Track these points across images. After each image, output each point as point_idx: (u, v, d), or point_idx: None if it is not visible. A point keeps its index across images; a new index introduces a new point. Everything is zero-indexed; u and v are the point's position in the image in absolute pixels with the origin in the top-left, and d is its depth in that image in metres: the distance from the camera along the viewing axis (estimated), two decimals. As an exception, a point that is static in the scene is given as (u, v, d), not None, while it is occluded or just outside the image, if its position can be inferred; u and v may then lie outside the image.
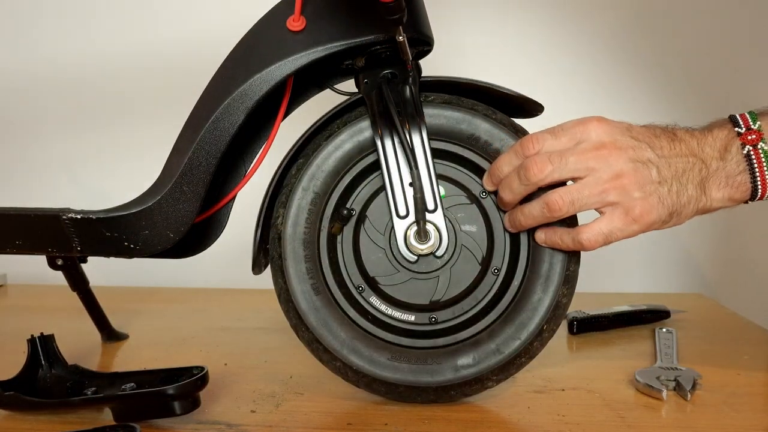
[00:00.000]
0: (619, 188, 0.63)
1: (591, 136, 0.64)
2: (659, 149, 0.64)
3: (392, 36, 0.66)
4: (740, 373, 0.80)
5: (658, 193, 0.63)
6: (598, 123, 0.64)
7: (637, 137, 0.64)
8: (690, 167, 0.64)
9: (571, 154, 0.63)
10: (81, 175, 1.38)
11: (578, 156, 0.63)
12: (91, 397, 0.67)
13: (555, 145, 0.65)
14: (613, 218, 0.64)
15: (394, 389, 0.69)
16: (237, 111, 0.69)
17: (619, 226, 0.64)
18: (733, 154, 0.64)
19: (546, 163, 0.64)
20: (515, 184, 0.65)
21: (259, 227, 0.70)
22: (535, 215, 0.65)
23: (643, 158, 0.63)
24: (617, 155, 0.63)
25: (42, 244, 0.75)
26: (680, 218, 0.65)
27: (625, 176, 0.62)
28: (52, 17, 1.35)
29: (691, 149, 0.64)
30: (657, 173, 0.63)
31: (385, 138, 0.68)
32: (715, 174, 0.64)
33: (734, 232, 1.31)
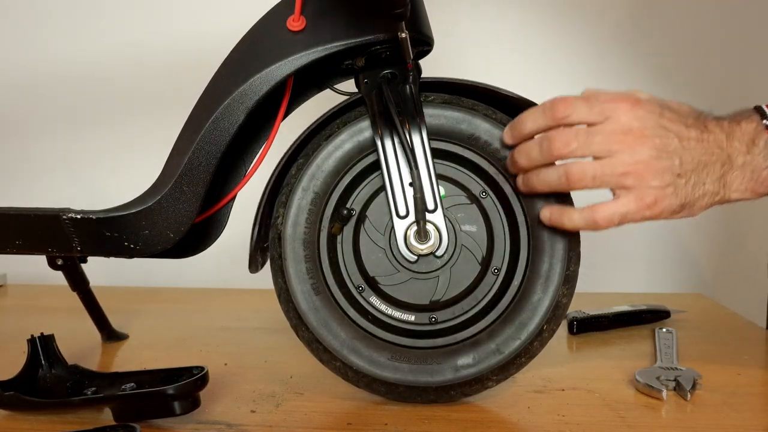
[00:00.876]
0: (638, 175, 0.62)
1: (621, 117, 0.63)
2: (686, 140, 0.63)
3: (393, 35, 0.66)
4: (740, 373, 0.80)
5: (675, 185, 0.63)
6: (631, 106, 0.63)
7: (667, 126, 0.63)
8: (713, 161, 0.63)
9: (597, 133, 0.63)
10: (81, 175, 1.38)
11: (604, 136, 0.63)
12: (91, 397, 0.67)
13: (586, 115, 0.64)
14: (628, 202, 0.64)
15: (394, 389, 0.69)
16: (237, 111, 0.69)
17: (633, 209, 0.64)
18: (761, 149, 0.63)
19: (572, 139, 0.63)
20: (534, 153, 0.65)
21: (256, 225, 0.70)
22: (551, 182, 0.65)
23: (668, 149, 0.62)
24: (642, 143, 0.62)
25: (42, 244, 0.75)
26: (693, 210, 0.65)
27: (645, 164, 0.62)
28: (52, 17, 1.35)
29: (719, 143, 0.64)
30: (679, 164, 0.63)
31: (385, 138, 0.68)
32: (741, 168, 0.64)
33: (734, 232, 1.31)
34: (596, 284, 1.22)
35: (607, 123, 0.63)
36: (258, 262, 0.73)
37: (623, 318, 0.99)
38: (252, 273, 0.73)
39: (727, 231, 1.31)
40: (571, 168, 0.64)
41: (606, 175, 0.63)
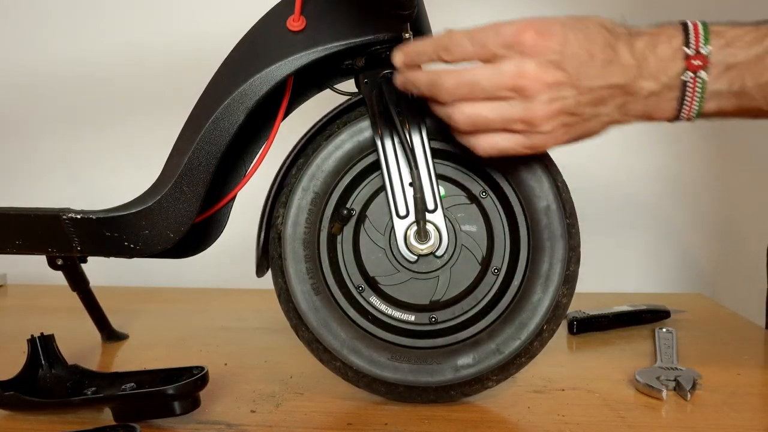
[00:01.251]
0: (527, 122, 0.59)
1: (514, 57, 0.58)
2: (586, 73, 0.58)
3: (394, 35, 0.67)
4: (740, 373, 0.80)
5: (566, 124, 0.60)
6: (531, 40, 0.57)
7: (567, 58, 0.58)
8: (614, 94, 0.60)
9: (485, 79, 0.59)
10: (81, 175, 1.38)
11: (493, 83, 0.59)
12: (91, 397, 0.67)
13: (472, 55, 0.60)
14: (512, 141, 0.61)
15: (394, 389, 0.69)
16: (237, 111, 0.69)
17: (514, 149, 0.61)
18: (670, 78, 0.59)
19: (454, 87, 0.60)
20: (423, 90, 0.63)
21: (262, 230, 0.70)
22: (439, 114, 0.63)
23: (562, 90, 0.58)
24: (534, 88, 0.58)
25: (42, 244, 0.75)
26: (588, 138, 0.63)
27: (536, 112, 0.58)
28: (52, 17, 1.35)
29: (625, 73, 0.59)
30: (574, 103, 0.59)
31: (385, 138, 0.68)
32: (644, 99, 0.60)
33: (734, 232, 1.31)
34: (596, 284, 1.22)
35: (499, 64, 0.58)
36: (265, 266, 0.72)
37: (623, 318, 0.99)
38: (259, 277, 0.73)
39: (727, 231, 1.31)
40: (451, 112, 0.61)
41: (491, 120, 0.60)
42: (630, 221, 1.32)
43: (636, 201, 1.32)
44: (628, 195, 1.32)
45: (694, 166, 1.30)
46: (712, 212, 1.32)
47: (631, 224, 1.33)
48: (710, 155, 1.30)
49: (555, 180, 0.68)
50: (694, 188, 1.31)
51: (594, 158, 1.25)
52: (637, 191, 1.32)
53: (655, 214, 1.33)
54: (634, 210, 1.32)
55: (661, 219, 1.33)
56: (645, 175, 1.30)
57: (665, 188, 1.31)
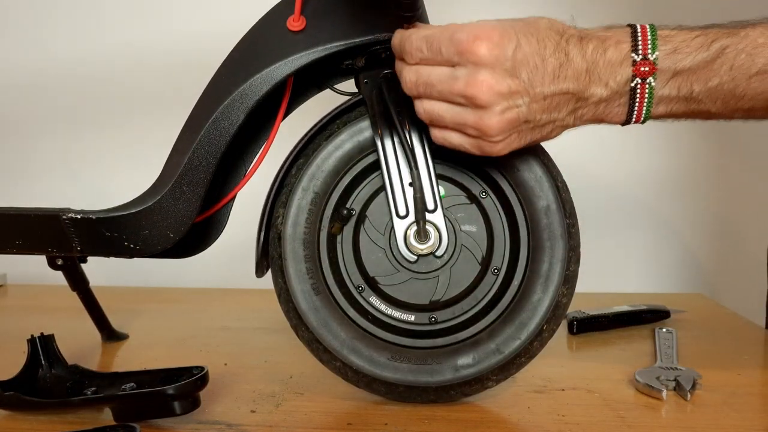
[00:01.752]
0: (479, 129, 0.60)
1: (467, 65, 0.58)
2: (540, 79, 0.58)
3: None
4: (740, 373, 0.80)
5: (520, 131, 0.61)
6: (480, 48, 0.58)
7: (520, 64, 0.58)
8: (567, 100, 0.60)
9: (439, 82, 0.60)
10: (81, 175, 1.38)
11: (446, 87, 0.59)
12: (91, 397, 0.67)
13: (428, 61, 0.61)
14: (464, 141, 0.62)
15: (394, 389, 0.69)
16: (237, 111, 0.69)
17: (467, 148, 0.62)
18: (620, 85, 0.60)
19: (412, 85, 0.62)
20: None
21: (262, 231, 0.70)
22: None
23: (516, 99, 0.58)
24: (487, 99, 0.58)
25: (42, 244, 0.75)
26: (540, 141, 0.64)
27: (489, 122, 0.59)
28: (52, 17, 1.35)
29: (577, 78, 0.59)
30: (526, 111, 0.59)
31: (385, 138, 0.68)
32: (594, 104, 0.61)
33: (734, 232, 1.31)
34: (596, 284, 1.22)
35: (453, 70, 0.59)
36: (264, 266, 0.73)
37: (623, 318, 0.99)
38: (258, 278, 0.73)
39: (727, 231, 1.31)
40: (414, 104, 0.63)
41: (445, 119, 0.61)
42: (630, 221, 1.32)
43: (636, 201, 1.32)
44: (628, 195, 1.32)
45: (694, 166, 1.30)
46: (712, 212, 1.32)
47: (631, 224, 1.33)
48: (710, 155, 1.30)
49: (555, 180, 0.68)
50: (694, 188, 1.31)
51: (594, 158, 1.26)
52: (637, 191, 1.32)
53: (655, 214, 1.33)
54: (634, 210, 1.32)
55: (661, 219, 1.33)
56: (645, 175, 1.30)
57: (665, 188, 1.31)
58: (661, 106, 0.61)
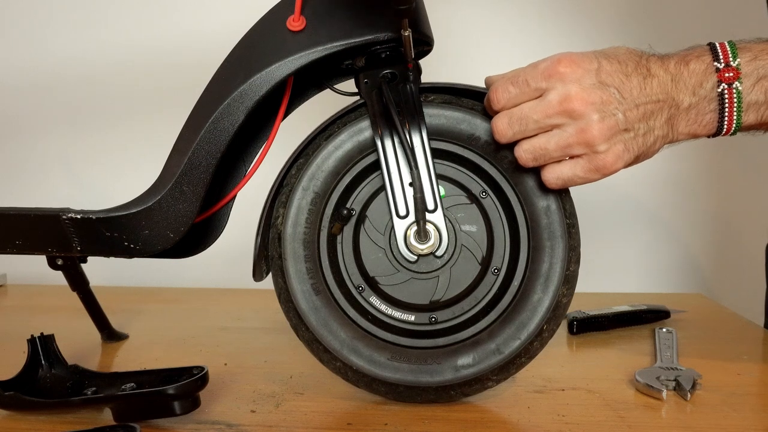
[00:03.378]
0: (584, 143, 0.61)
1: (556, 85, 0.61)
2: (629, 92, 0.61)
3: (393, 35, 0.67)
4: (740, 373, 0.80)
5: (624, 141, 0.62)
6: (566, 68, 0.61)
7: (606, 81, 0.61)
8: (660, 108, 0.62)
9: (533, 112, 0.62)
10: (81, 175, 1.38)
11: (542, 113, 0.62)
12: (91, 397, 0.67)
13: (519, 97, 0.63)
14: (576, 167, 0.63)
15: (394, 389, 0.69)
16: (237, 111, 0.69)
17: (581, 175, 0.63)
18: (707, 91, 0.62)
19: (506, 127, 0.64)
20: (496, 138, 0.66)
21: (260, 233, 0.70)
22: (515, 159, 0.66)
23: (610, 106, 0.61)
24: (582, 109, 0.61)
25: (42, 244, 0.75)
26: (648, 156, 0.65)
27: (590, 130, 0.61)
28: (52, 17, 1.35)
29: (663, 88, 0.62)
30: (623, 119, 0.61)
31: (385, 138, 0.68)
32: (686, 111, 0.63)
33: (734, 232, 1.31)
34: (596, 284, 1.22)
35: (544, 96, 0.62)
36: (262, 270, 0.72)
37: (623, 318, 0.99)
38: (256, 281, 0.73)
39: (727, 231, 1.32)
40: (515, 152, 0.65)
41: (550, 150, 0.63)
42: (630, 221, 1.32)
43: (636, 201, 1.32)
44: (628, 195, 1.32)
45: (694, 166, 1.31)
46: (712, 212, 1.32)
47: (631, 224, 1.33)
48: (710, 155, 1.30)
49: None
50: (694, 188, 1.31)
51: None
52: (637, 191, 1.32)
53: (655, 214, 1.33)
54: (634, 210, 1.32)
55: (661, 219, 1.33)
56: (645, 176, 1.30)
57: (665, 188, 1.31)
58: (751, 113, 0.63)
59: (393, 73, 0.70)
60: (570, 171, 0.64)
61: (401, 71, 0.70)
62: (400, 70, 0.70)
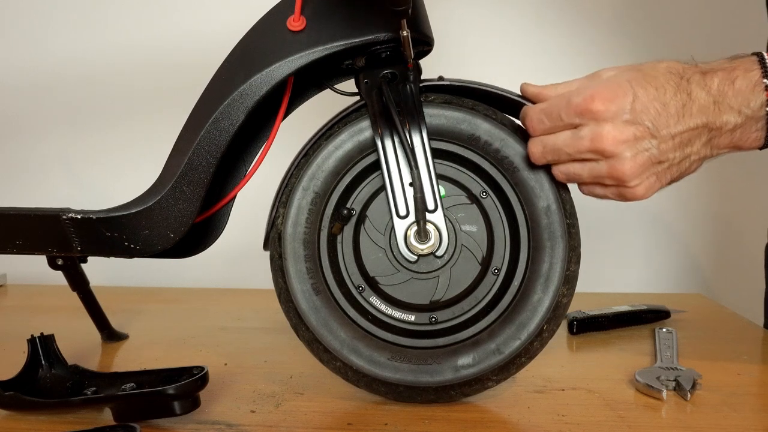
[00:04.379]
0: (615, 178, 0.62)
1: (589, 123, 0.61)
2: (665, 123, 0.60)
3: (393, 35, 0.67)
4: (740, 373, 0.80)
5: (657, 173, 0.63)
6: (601, 105, 0.60)
7: (641, 115, 0.60)
8: (698, 134, 0.61)
9: (566, 146, 0.63)
10: (81, 175, 1.38)
11: (574, 149, 0.63)
12: (91, 397, 0.67)
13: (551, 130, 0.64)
14: (608, 192, 0.65)
15: (394, 389, 0.69)
16: (237, 111, 0.69)
17: (611, 197, 0.65)
18: (754, 111, 0.60)
19: (540, 156, 0.65)
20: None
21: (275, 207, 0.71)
22: None
23: (643, 143, 0.60)
24: (613, 149, 0.60)
25: (42, 244, 0.75)
26: (682, 176, 0.65)
27: (622, 169, 0.61)
28: (52, 17, 1.35)
29: (704, 112, 0.60)
30: (657, 153, 0.61)
31: (385, 138, 0.68)
32: (729, 132, 0.62)
33: (734, 232, 1.31)
34: (596, 284, 1.22)
35: (577, 130, 0.62)
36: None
37: (623, 318, 0.99)
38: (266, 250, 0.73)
39: (727, 231, 1.31)
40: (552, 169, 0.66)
41: (582, 177, 0.64)
42: (630, 221, 1.32)
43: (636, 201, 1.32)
44: (628, 195, 1.32)
45: (694, 166, 1.30)
46: (712, 212, 1.32)
47: (631, 224, 1.33)
48: (710, 155, 1.30)
49: (555, 180, 0.68)
50: (694, 188, 1.31)
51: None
52: (637, 191, 1.31)
53: (655, 214, 1.33)
54: (635, 210, 1.32)
55: (661, 219, 1.33)
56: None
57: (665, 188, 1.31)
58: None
59: (393, 73, 0.70)
60: (602, 192, 0.66)
61: (401, 71, 0.70)
62: (400, 70, 0.70)
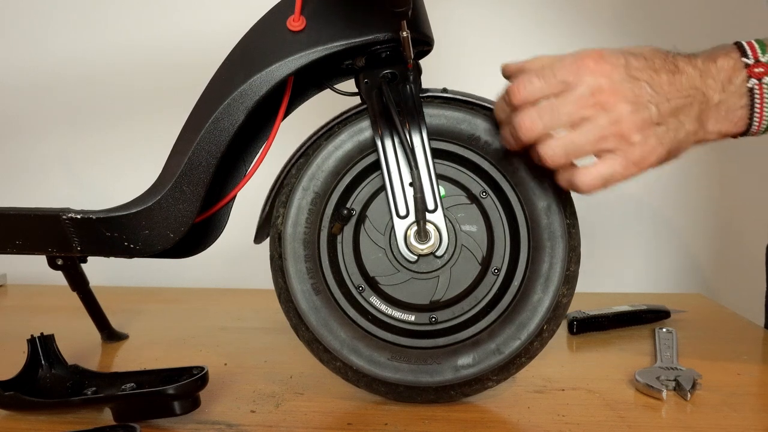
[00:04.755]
0: (617, 135, 0.60)
1: (586, 79, 0.60)
2: (659, 86, 0.60)
3: (393, 35, 0.67)
4: (740, 373, 0.80)
5: (657, 134, 0.61)
6: (594, 63, 0.60)
7: (636, 75, 0.60)
8: (690, 102, 0.61)
9: (563, 104, 0.60)
10: (81, 175, 1.38)
11: (572, 106, 0.60)
12: (91, 397, 0.67)
13: (544, 89, 0.61)
14: (613, 163, 0.61)
15: (394, 389, 0.69)
16: (237, 111, 0.69)
17: (619, 171, 0.61)
18: (737, 87, 0.61)
19: (536, 121, 0.61)
20: (510, 139, 0.64)
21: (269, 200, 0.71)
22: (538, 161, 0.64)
23: (641, 99, 0.60)
24: (614, 101, 0.59)
25: (42, 244, 0.75)
26: (678, 153, 0.64)
27: (623, 122, 0.60)
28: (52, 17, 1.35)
29: (692, 83, 0.61)
30: (656, 112, 0.60)
31: (385, 138, 0.68)
32: (716, 107, 0.62)
33: (734, 232, 1.31)
34: (596, 284, 1.22)
35: (573, 89, 0.60)
36: (265, 234, 0.73)
37: (623, 318, 0.99)
38: (256, 244, 0.73)
39: (727, 231, 1.31)
40: (541, 151, 0.62)
41: (581, 146, 0.60)
42: (630, 221, 1.32)
43: (636, 201, 1.32)
44: (628, 195, 1.32)
45: (694, 166, 1.30)
46: (712, 212, 1.32)
47: (631, 224, 1.33)
48: (710, 155, 1.30)
49: (555, 180, 0.68)
50: (694, 188, 1.31)
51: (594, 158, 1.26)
52: (637, 191, 1.32)
53: (655, 214, 1.33)
54: (635, 210, 1.32)
55: (661, 219, 1.33)
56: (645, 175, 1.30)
57: (665, 188, 1.31)
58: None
59: (393, 73, 0.70)
60: (609, 168, 0.61)
61: (401, 71, 0.70)
62: (401, 70, 0.70)
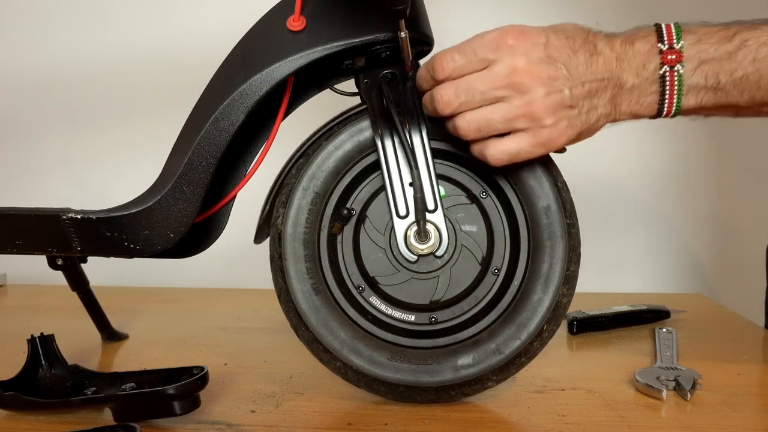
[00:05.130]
0: (529, 116, 0.61)
1: (504, 57, 0.60)
2: (575, 68, 0.61)
3: (393, 35, 0.67)
4: (740, 373, 0.80)
5: (568, 117, 0.62)
6: (514, 40, 0.60)
7: (554, 55, 0.61)
8: (604, 86, 0.62)
9: (480, 83, 0.61)
10: (81, 175, 1.38)
11: (488, 85, 0.61)
12: (91, 397, 0.67)
13: (465, 67, 0.62)
14: (522, 142, 0.63)
15: (394, 389, 0.69)
16: (237, 111, 0.69)
17: (527, 149, 0.63)
18: (650, 72, 0.63)
19: (452, 97, 0.62)
20: (429, 107, 0.65)
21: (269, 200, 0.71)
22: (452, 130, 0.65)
23: (556, 81, 0.61)
24: (529, 82, 0.60)
25: (42, 244, 0.75)
26: (590, 134, 0.65)
27: (536, 104, 0.61)
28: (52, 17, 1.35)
29: (608, 66, 0.62)
30: (570, 96, 0.61)
31: (385, 138, 0.68)
32: (629, 91, 0.63)
33: (734, 232, 1.31)
34: (596, 284, 1.22)
35: (491, 67, 0.61)
36: (265, 234, 0.73)
37: (623, 318, 0.99)
38: (256, 244, 0.73)
39: (727, 231, 1.31)
40: (456, 123, 0.63)
41: (494, 122, 0.62)
42: (630, 221, 1.32)
43: (636, 201, 1.32)
44: (628, 195, 1.32)
45: (694, 166, 1.30)
46: (712, 212, 1.32)
47: (631, 224, 1.33)
48: (710, 155, 1.30)
49: (555, 180, 0.68)
50: (694, 188, 1.31)
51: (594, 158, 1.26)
52: (637, 191, 1.32)
53: (655, 214, 1.33)
54: (634, 210, 1.32)
55: (661, 219, 1.33)
56: (645, 175, 1.30)
57: (665, 188, 1.31)
58: (691, 97, 0.64)
59: (393, 72, 0.70)
60: (516, 146, 0.63)
61: (401, 71, 0.70)
62: (401, 70, 0.70)
